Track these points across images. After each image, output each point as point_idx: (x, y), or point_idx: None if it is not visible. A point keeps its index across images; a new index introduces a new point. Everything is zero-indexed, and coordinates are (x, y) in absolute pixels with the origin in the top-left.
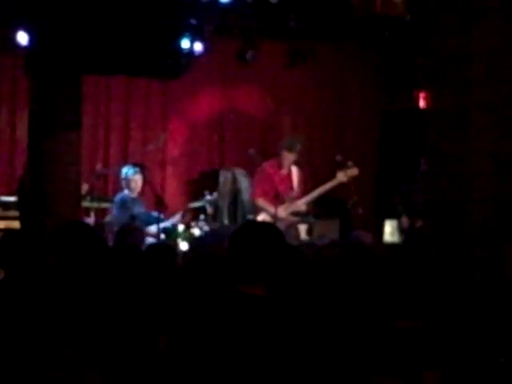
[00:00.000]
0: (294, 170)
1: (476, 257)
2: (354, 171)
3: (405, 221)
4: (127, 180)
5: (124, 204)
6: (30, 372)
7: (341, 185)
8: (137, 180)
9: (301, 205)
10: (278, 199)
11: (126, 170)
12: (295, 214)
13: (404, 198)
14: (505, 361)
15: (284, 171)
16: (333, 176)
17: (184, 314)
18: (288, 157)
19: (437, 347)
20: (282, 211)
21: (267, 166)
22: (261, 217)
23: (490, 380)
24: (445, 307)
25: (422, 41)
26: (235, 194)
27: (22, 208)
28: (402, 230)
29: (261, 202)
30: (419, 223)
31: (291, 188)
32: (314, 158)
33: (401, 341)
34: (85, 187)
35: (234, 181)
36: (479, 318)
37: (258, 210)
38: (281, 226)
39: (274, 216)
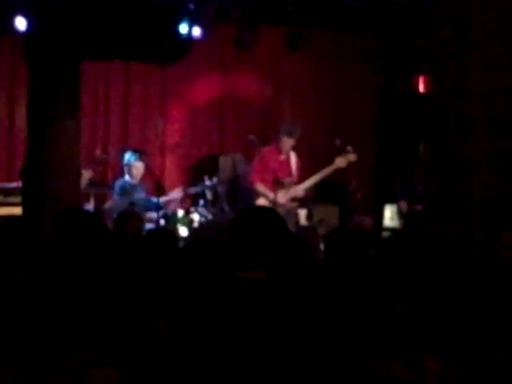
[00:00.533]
0: (293, 156)
1: (476, 240)
2: (352, 157)
3: (403, 205)
4: (129, 166)
5: (124, 190)
6: (32, 355)
7: (339, 170)
8: (138, 166)
9: (299, 190)
10: (276, 184)
11: (128, 157)
12: (294, 199)
13: (403, 182)
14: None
15: (283, 156)
16: (332, 161)
17: (185, 299)
18: (287, 142)
19: (436, 332)
20: (281, 197)
21: (266, 151)
22: (260, 202)
23: (490, 363)
24: (444, 292)
25: (421, 24)
26: (235, 179)
27: (25, 194)
28: (401, 214)
29: (260, 187)
30: (418, 207)
31: (290, 173)
32: (313, 143)
33: (400, 326)
34: (89, 173)
35: (234, 167)
36: (478, 303)
37: (257, 195)
38: (280, 211)
39: (273, 201)
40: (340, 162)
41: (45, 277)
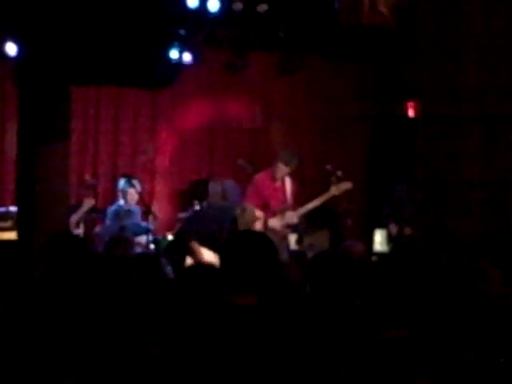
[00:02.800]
0: (288, 182)
1: (465, 264)
2: (347, 185)
3: (393, 228)
4: (124, 192)
5: (118, 215)
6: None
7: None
8: (133, 192)
9: (293, 217)
10: (268, 210)
11: (124, 182)
12: (287, 225)
13: (392, 205)
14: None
15: (277, 183)
16: (323, 185)
17: (175, 324)
18: (283, 169)
19: (426, 356)
20: (275, 223)
21: (260, 178)
22: (256, 226)
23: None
24: (434, 314)
25: (409, 50)
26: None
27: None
28: (390, 238)
29: (258, 212)
30: (408, 231)
31: (284, 200)
32: (303, 167)
33: (390, 350)
34: (91, 202)
35: (224, 192)
36: (468, 325)
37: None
38: (272, 237)
39: (266, 227)
40: (336, 190)
41: (32, 301)
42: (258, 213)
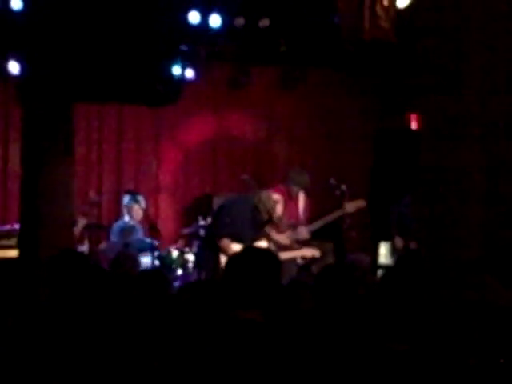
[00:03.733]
0: (301, 197)
1: (469, 280)
2: (361, 203)
3: (398, 241)
4: (129, 208)
5: (123, 231)
6: None
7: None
8: (137, 209)
9: (305, 233)
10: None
11: (129, 199)
12: (298, 242)
13: (397, 218)
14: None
15: (293, 200)
16: (327, 199)
17: (180, 340)
18: (295, 188)
19: (430, 368)
20: (285, 239)
21: (277, 191)
22: (264, 243)
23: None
24: (437, 330)
25: (411, 63)
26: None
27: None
28: (395, 251)
29: (266, 228)
30: (413, 245)
31: (296, 215)
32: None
33: (395, 363)
34: (84, 221)
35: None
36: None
37: (263, 235)
38: (281, 251)
39: (277, 243)
40: (349, 207)
41: (36, 320)
42: (276, 196)
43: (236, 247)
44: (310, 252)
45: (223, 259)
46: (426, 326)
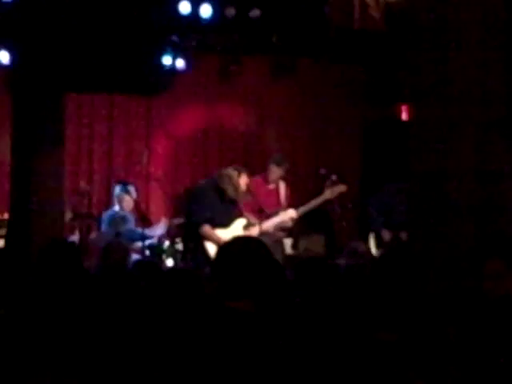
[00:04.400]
0: (282, 186)
1: (462, 269)
2: (341, 188)
3: (386, 234)
4: (120, 198)
5: (113, 221)
6: None
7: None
8: (129, 198)
9: (287, 220)
10: (262, 214)
11: (120, 189)
12: (281, 228)
13: (381, 210)
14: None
15: (271, 186)
16: (317, 189)
17: (171, 330)
18: (276, 171)
19: (419, 359)
20: (269, 226)
21: (254, 181)
22: (251, 232)
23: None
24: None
25: (402, 53)
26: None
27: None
28: (381, 242)
29: (247, 216)
30: (404, 236)
31: (278, 203)
32: (297, 171)
33: (383, 352)
34: (69, 214)
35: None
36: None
37: (239, 215)
38: (267, 240)
39: (260, 230)
40: (330, 193)
41: (27, 310)
42: (249, 218)
43: (220, 232)
44: (286, 215)
45: (210, 246)
46: (416, 316)
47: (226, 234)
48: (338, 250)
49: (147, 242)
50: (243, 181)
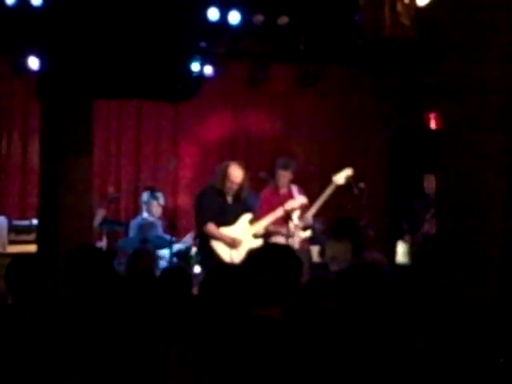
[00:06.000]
0: (294, 189)
1: (489, 278)
2: (348, 171)
3: (408, 239)
4: (149, 204)
5: (142, 228)
6: None
7: (352, 206)
8: (156, 205)
9: (308, 218)
10: (285, 219)
11: (148, 195)
12: (305, 228)
13: (409, 219)
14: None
15: (283, 190)
16: (343, 197)
17: (200, 336)
18: (284, 175)
19: (447, 368)
20: (293, 228)
21: (265, 192)
22: (277, 240)
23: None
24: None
25: (431, 61)
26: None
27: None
28: (411, 249)
29: (271, 227)
30: (419, 237)
31: (303, 206)
32: (324, 178)
33: (418, 362)
34: (102, 212)
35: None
36: (491, 342)
37: (271, 233)
38: (294, 244)
39: (287, 235)
40: (338, 178)
41: (54, 316)
42: (272, 227)
43: (226, 230)
44: (295, 203)
45: (217, 245)
46: (442, 325)
47: (231, 231)
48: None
49: (175, 249)
50: (234, 172)
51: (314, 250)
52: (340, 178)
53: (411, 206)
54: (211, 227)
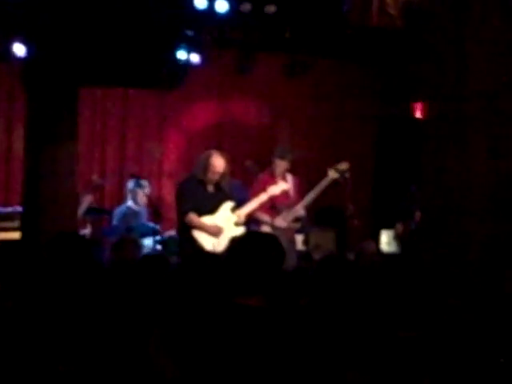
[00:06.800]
0: (289, 178)
1: (473, 266)
2: (344, 165)
3: (399, 227)
4: (134, 192)
5: (126, 216)
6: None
7: (337, 193)
8: (141, 194)
9: (299, 209)
10: (274, 209)
11: (134, 183)
12: (296, 219)
13: (405, 205)
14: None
15: (278, 180)
16: (331, 187)
17: (181, 325)
18: (280, 164)
19: (434, 356)
20: (282, 221)
21: (261, 178)
22: (263, 229)
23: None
24: (442, 315)
25: (417, 51)
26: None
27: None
28: (397, 237)
29: (258, 214)
30: (412, 226)
31: (287, 196)
32: (311, 168)
33: (403, 350)
34: (89, 198)
35: (230, 192)
36: (477, 326)
37: (258, 222)
38: (280, 236)
39: (273, 226)
40: (334, 173)
41: (38, 301)
42: (260, 214)
43: (207, 219)
44: (277, 189)
45: (198, 235)
46: (433, 313)
47: (213, 219)
48: (348, 248)
49: (158, 237)
50: (216, 161)
51: (299, 238)
52: (336, 172)
53: (408, 192)
54: (192, 217)
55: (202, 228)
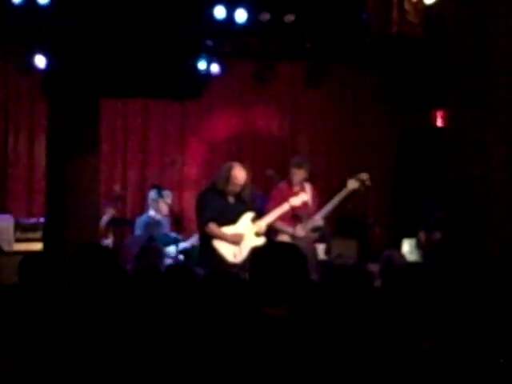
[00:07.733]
0: (307, 187)
1: (496, 273)
2: (363, 176)
3: (422, 236)
4: (156, 202)
5: (147, 226)
6: None
7: (357, 203)
8: (163, 203)
9: (318, 219)
10: (295, 219)
11: (155, 193)
12: (314, 229)
13: (424, 214)
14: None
15: (296, 189)
16: (351, 197)
17: (205, 336)
18: (298, 173)
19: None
20: (301, 230)
21: (280, 186)
22: (282, 238)
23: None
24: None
25: (439, 59)
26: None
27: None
28: (420, 246)
29: (278, 224)
30: (437, 236)
31: (306, 205)
32: (331, 178)
33: (426, 360)
34: (110, 211)
35: (253, 203)
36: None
37: (276, 231)
38: (300, 245)
39: (293, 236)
40: (353, 183)
41: (60, 312)
42: (280, 224)
43: (227, 230)
44: (298, 200)
45: (218, 244)
46: (451, 323)
47: (233, 229)
48: (372, 256)
49: (181, 247)
50: (238, 174)
51: (320, 247)
52: (355, 182)
53: (426, 201)
54: (213, 227)
55: (223, 237)
